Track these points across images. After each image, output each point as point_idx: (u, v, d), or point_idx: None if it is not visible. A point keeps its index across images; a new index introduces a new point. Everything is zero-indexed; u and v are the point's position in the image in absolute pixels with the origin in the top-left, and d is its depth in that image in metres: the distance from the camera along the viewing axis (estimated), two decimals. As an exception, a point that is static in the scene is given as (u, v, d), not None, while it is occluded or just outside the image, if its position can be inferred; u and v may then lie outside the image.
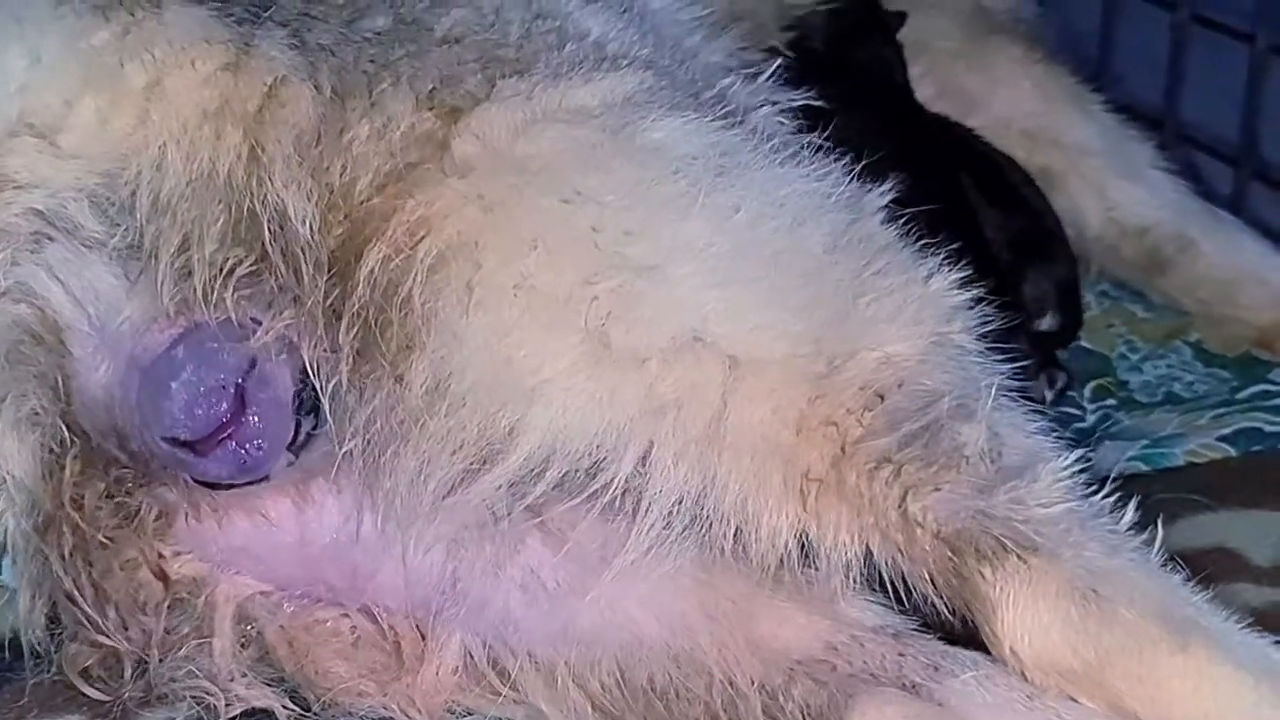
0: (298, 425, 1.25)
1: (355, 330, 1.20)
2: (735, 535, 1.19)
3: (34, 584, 1.29)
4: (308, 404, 1.25)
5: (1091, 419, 1.75)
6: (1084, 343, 1.87)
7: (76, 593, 1.27)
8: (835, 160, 1.28)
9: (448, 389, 1.18)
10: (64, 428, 1.26)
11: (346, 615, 1.30)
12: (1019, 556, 1.15)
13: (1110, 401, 1.78)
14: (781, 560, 1.20)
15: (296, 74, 1.24)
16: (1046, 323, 1.79)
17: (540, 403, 1.17)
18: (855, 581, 1.21)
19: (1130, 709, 1.14)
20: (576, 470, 1.18)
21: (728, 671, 1.25)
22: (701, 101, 1.31)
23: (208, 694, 1.29)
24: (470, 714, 1.30)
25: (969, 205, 1.77)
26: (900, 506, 1.16)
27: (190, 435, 1.23)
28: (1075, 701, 1.16)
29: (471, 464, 1.19)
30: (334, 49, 1.26)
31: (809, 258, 1.21)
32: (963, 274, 1.26)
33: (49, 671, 1.32)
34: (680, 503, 1.18)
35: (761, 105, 1.40)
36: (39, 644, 1.31)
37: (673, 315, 1.18)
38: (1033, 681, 1.17)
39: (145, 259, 1.24)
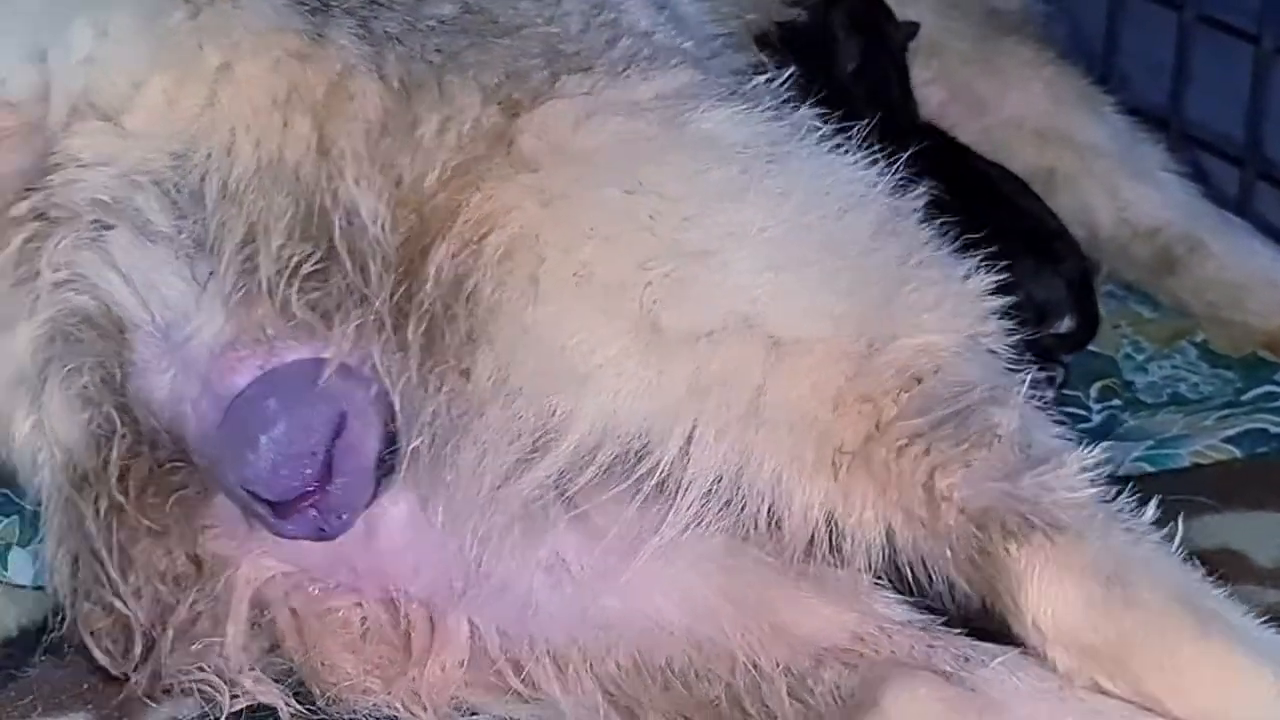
0: (378, 484, 1.26)
1: (423, 326, 1.22)
2: (768, 512, 1.21)
3: (61, 533, 1.31)
4: (386, 465, 1.27)
5: (1097, 419, 1.75)
6: (1089, 344, 1.86)
7: (103, 551, 1.28)
8: (877, 154, 1.31)
9: (509, 380, 1.21)
10: (115, 413, 1.28)
11: (360, 605, 1.31)
12: (1045, 534, 1.17)
13: (1116, 402, 1.78)
14: (811, 541, 1.22)
15: (365, 64, 1.26)
16: (1064, 325, 1.79)
17: (592, 388, 1.20)
18: (877, 566, 1.23)
19: (1150, 692, 1.16)
20: (627, 453, 1.21)
21: (751, 655, 1.27)
22: (745, 95, 1.34)
23: (213, 687, 1.29)
24: (475, 714, 1.31)
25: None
26: (927, 483, 1.19)
27: (272, 496, 1.24)
28: (1104, 694, 1.18)
29: (527, 452, 1.22)
30: (400, 37, 1.27)
31: (855, 244, 1.25)
32: (996, 279, 1.29)
33: (50, 649, 1.34)
34: (719, 481, 1.21)
35: (794, 103, 1.41)
36: (61, 597, 1.32)
37: (723, 298, 1.22)
38: (1053, 660, 1.19)
39: (212, 257, 1.25)
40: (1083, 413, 1.76)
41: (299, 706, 1.30)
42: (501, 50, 1.29)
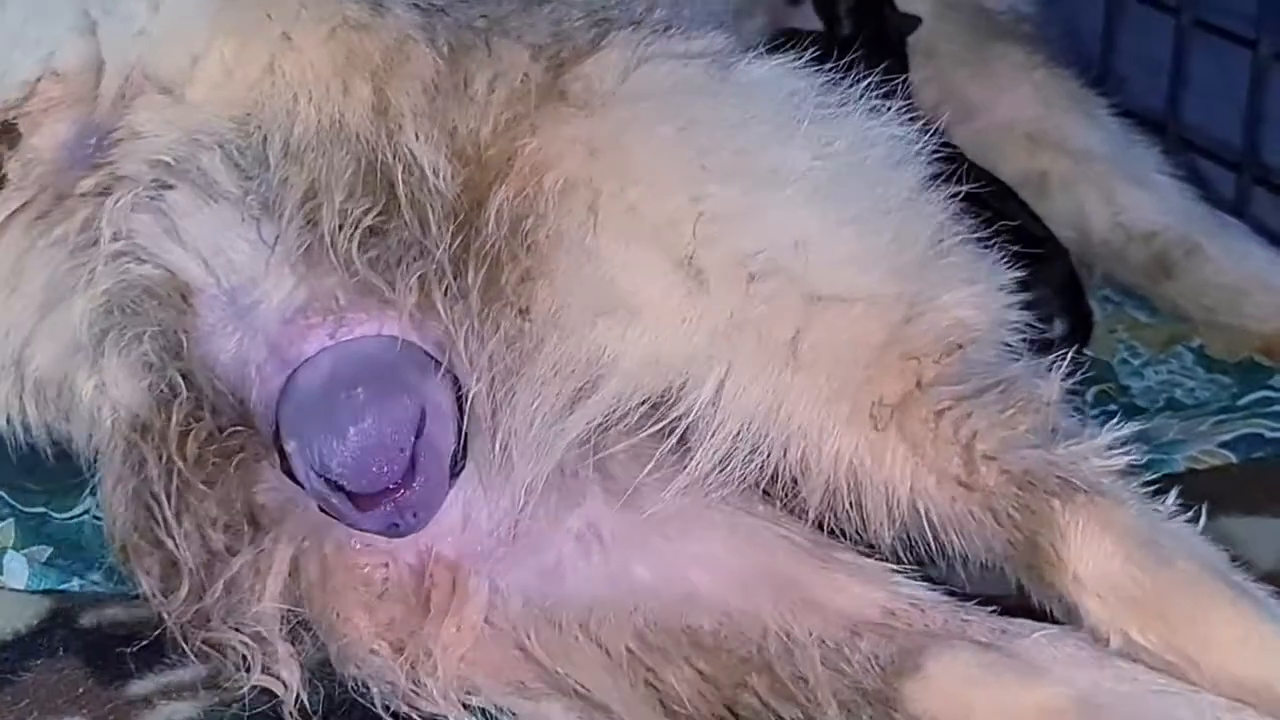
0: (451, 480, 1.29)
1: (482, 271, 1.24)
2: (796, 461, 1.23)
3: (119, 475, 1.32)
4: (459, 464, 1.29)
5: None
6: (1085, 348, 1.86)
7: (161, 494, 1.29)
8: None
9: (562, 316, 1.23)
10: (178, 378, 1.29)
11: (387, 564, 1.31)
12: (1087, 495, 1.20)
13: (1111, 407, 1.77)
14: (831, 497, 1.24)
15: (418, 32, 1.29)
16: (1056, 329, 1.79)
17: (638, 323, 1.22)
18: (897, 528, 1.25)
19: (1181, 646, 1.19)
20: (669, 392, 1.23)
21: (784, 624, 1.27)
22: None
23: (248, 647, 1.30)
24: (476, 695, 1.30)
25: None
26: (968, 445, 1.21)
27: (357, 488, 1.25)
28: (1144, 665, 1.20)
29: (575, 391, 1.23)
30: (447, 9, 1.31)
31: (898, 199, 1.28)
32: (1018, 273, 1.32)
33: (45, 654, 1.34)
34: (749, 424, 1.22)
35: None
36: (117, 532, 1.33)
37: (769, 235, 1.24)
38: (1088, 610, 1.20)
39: (276, 217, 1.27)
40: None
41: (307, 697, 1.30)
42: (545, 15, 1.32)
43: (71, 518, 1.52)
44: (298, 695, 1.29)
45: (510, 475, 1.27)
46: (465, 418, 1.27)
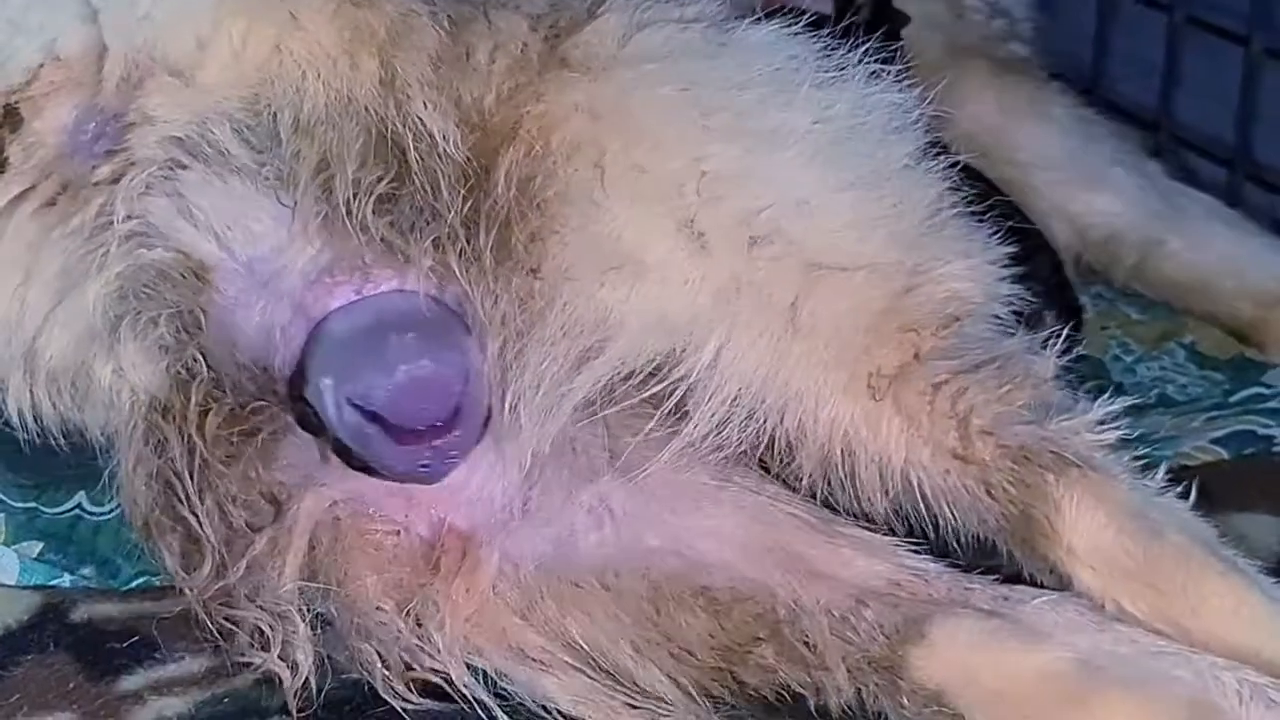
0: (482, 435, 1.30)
1: (493, 232, 1.26)
2: (792, 429, 1.25)
3: (139, 455, 1.32)
4: (485, 429, 1.31)
5: (1085, 421, 1.74)
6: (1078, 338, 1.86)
7: (184, 472, 1.30)
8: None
9: (573, 273, 1.24)
10: (197, 356, 1.30)
11: (398, 532, 1.32)
12: (1080, 469, 1.22)
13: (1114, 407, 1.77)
14: (825, 466, 1.25)
15: (418, 5, 1.31)
16: (1046, 323, 1.78)
17: (643, 282, 1.24)
18: (892, 497, 1.26)
19: (1173, 615, 1.21)
20: (672, 353, 1.24)
21: (793, 593, 1.28)
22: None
23: (269, 625, 1.30)
24: (478, 656, 1.30)
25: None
26: (964, 419, 1.23)
27: (403, 421, 1.27)
28: (1142, 628, 1.21)
29: (584, 351, 1.25)
30: None
31: (897, 166, 1.29)
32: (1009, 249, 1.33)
33: (36, 650, 1.33)
34: (747, 388, 1.24)
35: None
36: (138, 511, 1.33)
37: (771, 196, 1.25)
38: (1081, 580, 1.22)
39: (289, 186, 1.29)
40: (1071, 414, 1.75)
41: (315, 684, 1.29)
42: None
43: (62, 513, 1.51)
44: (306, 680, 1.29)
45: (519, 438, 1.29)
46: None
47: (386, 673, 1.28)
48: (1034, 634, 1.23)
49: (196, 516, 1.30)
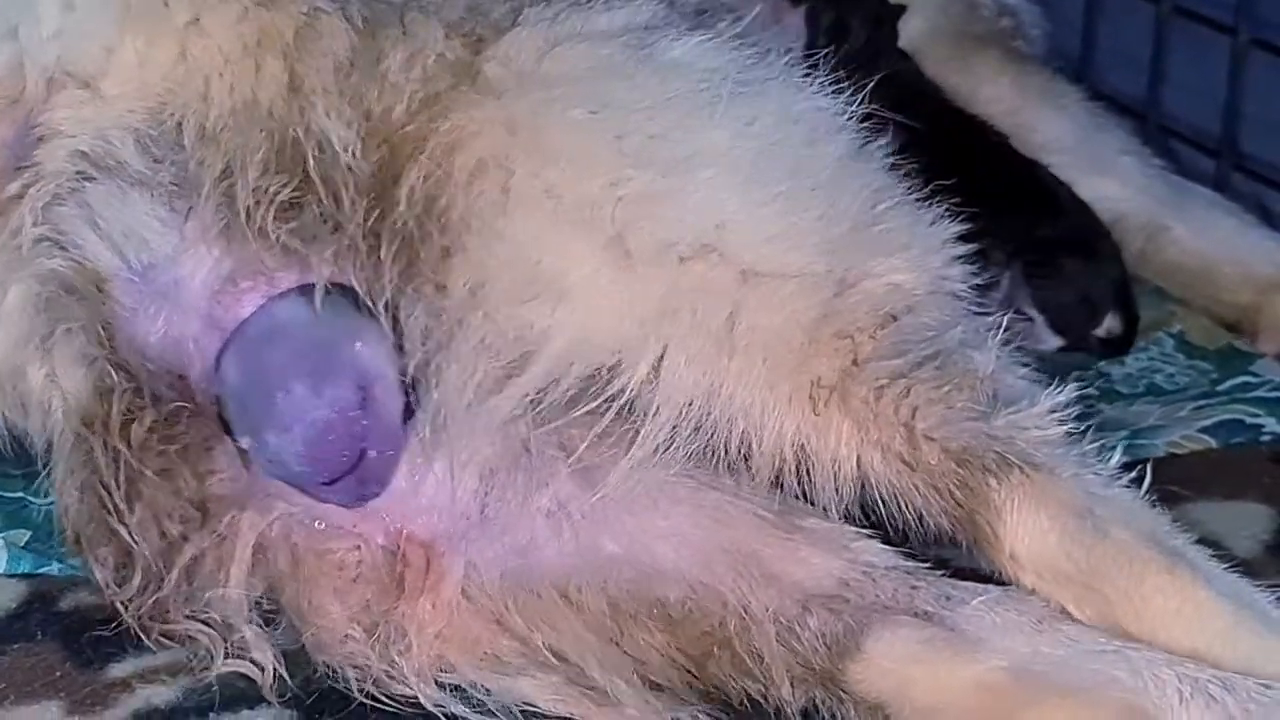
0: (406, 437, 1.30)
1: (396, 246, 1.26)
2: (741, 438, 1.24)
3: (71, 466, 1.33)
4: (410, 415, 1.30)
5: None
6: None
7: (111, 484, 1.30)
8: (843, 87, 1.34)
9: (484, 294, 1.24)
10: (112, 369, 1.30)
11: (358, 547, 1.32)
12: (1022, 471, 1.21)
13: (1092, 392, 1.77)
14: (779, 472, 1.25)
15: (329, 4, 1.30)
16: (1107, 323, 1.79)
17: (567, 303, 1.23)
18: (850, 500, 1.26)
19: (1117, 619, 1.21)
20: (601, 370, 1.24)
21: (742, 600, 1.28)
22: (711, 28, 1.36)
23: (209, 637, 1.30)
24: (450, 674, 1.30)
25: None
26: (908, 422, 1.22)
27: (312, 480, 1.28)
28: (1082, 625, 1.21)
29: (506, 368, 1.25)
30: None
31: (824, 173, 1.28)
32: (960, 227, 1.31)
33: (22, 638, 1.34)
34: (690, 405, 1.24)
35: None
36: (69, 524, 1.34)
37: (692, 218, 1.24)
38: (1030, 588, 1.23)
39: (191, 195, 1.28)
40: (1059, 402, 1.75)
41: (285, 675, 1.30)
42: None
43: (50, 502, 1.50)
44: (275, 675, 1.30)
45: (458, 447, 1.29)
46: (409, 363, 1.28)
47: (364, 685, 1.29)
48: (970, 642, 1.22)
49: (127, 528, 1.30)
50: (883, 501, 1.25)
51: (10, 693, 1.31)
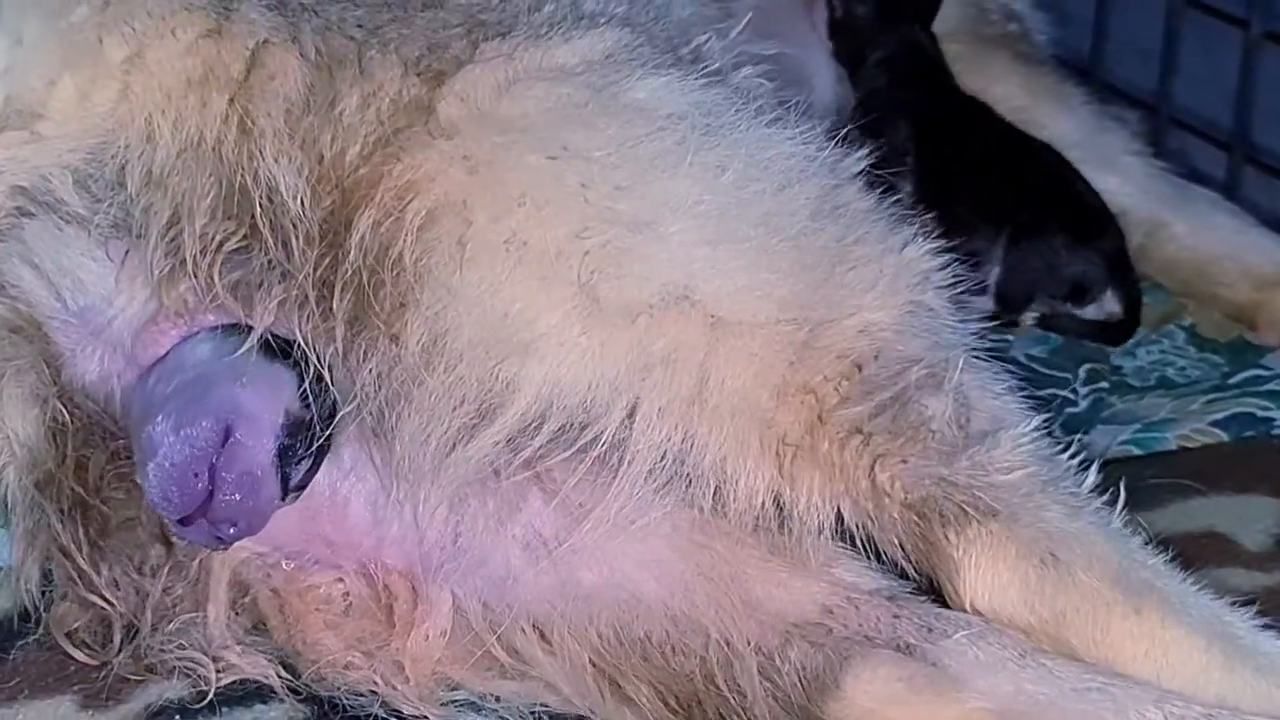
0: (285, 478, 1.24)
1: (348, 296, 1.23)
2: (714, 494, 1.23)
3: (29, 536, 1.31)
4: (299, 451, 1.25)
5: (1084, 403, 1.75)
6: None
7: (73, 547, 1.29)
8: (815, 124, 1.31)
9: (444, 345, 1.22)
10: (62, 408, 1.29)
11: (341, 579, 1.32)
12: (980, 522, 1.20)
13: (1103, 385, 1.78)
14: (758, 520, 1.24)
15: (279, 36, 1.26)
16: (1106, 304, 1.79)
17: (535, 357, 1.21)
18: (830, 539, 1.25)
19: (1090, 664, 1.19)
20: (570, 423, 1.22)
21: (724, 632, 1.27)
22: (681, 59, 1.34)
23: (198, 664, 1.29)
24: (457, 689, 1.30)
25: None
26: (870, 475, 1.21)
27: (166, 515, 1.23)
28: (1066, 659, 1.19)
29: (472, 419, 1.23)
30: (315, 9, 1.28)
31: (794, 222, 1.25)
32: (935, 240, 1.29)
33: (36, 633, 1.33)
34: (663, 458, 1.22)
35: (742, 65, 1.41)
36: (31, 602, 1.32)
37: (661, 272, 1.22)
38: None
39: (134, 238, 1.26)
40: (1070, 396, 1.76)
41: (289, 676, 1.30)
42: (423, 23, 1.29)
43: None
44: (279, 676, 1.30)
45: (418, 491, 1.26)
46: (309, 402, 1.25)
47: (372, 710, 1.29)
48: (952, 680, 1.21)
49: (98, 593, 1.28)
50: (866, 539, 1.24)
51: (24, 687, 1.32)
